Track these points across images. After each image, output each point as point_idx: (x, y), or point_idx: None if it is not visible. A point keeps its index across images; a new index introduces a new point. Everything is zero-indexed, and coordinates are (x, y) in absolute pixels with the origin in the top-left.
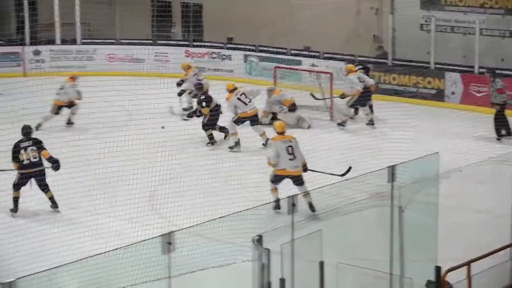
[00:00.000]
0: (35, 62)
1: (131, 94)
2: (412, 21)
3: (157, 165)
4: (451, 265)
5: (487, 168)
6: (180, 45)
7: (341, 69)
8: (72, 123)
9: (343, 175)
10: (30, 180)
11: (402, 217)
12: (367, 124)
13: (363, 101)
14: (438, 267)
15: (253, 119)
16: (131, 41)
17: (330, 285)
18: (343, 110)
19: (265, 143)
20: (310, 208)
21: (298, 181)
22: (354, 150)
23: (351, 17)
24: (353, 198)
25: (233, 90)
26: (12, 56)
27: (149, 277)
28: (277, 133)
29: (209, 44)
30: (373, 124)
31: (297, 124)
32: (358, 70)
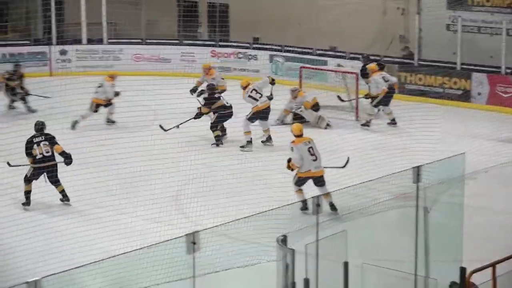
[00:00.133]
0: (62, 62)
1: (157, 94)
2: (439, 21)
3: (181, 165)
4: (476, 266)
5: None
6: (206, 45)
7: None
8: (114, 121)
9: (344, 166)
10: (44, 174)
11: (427, 218)
12: (388, 124)
13: (387, 100)
14: (463, 268)
15: (264, 112)
16: (157, 41)
17: (354, 285)
18: (367, 110)
19: (265, 140)
20: (331, 208)
21: (320, 181)
22: (380, 150)
23: (377, 17)
24: (378, 199)
25: (246, 87)
26: (39, 56)
27: (172, 277)
28: (295, 136)
29: (235, 44)
30: (395, 123)
31: (316, 123)
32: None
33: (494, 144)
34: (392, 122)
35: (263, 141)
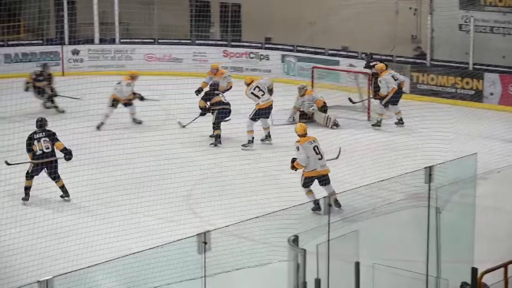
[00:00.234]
0: (74, 61)
1: (169, 93)
2: (451, 21)
3: (193, 165)
4: (488, 266)
5: None
6: (218, 45)
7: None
8: (140, 121)
9: (337, 157)
10: (44, 169)
11: (439, 218)
12: (396, 124)
13: (396, 99)
14: (475, 268)
15: (266, 111)
16: (169, 41)
17: (365, 285)
18: (377, 110)
19: (264, 138)
20: (336, 205)
21: (325, 180)
22: (392, 150)
23: (389, 17)
24: (390, 199)
25: (250, 84)
26: (51, 56)
27: (184, 277)
28: (299, 135)
29: (247, 44)
30: (402, 123)
31: (324, 124)
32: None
33: (506, 144)
34: (400, 121)
35: (262, 140)
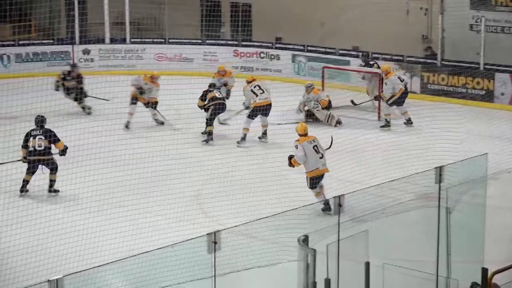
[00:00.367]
0: (85, 61)
1: (179, 93)
2: (462, 21)
3: (203, 164)
4: (498, 267)
5: None
6: (229, 45)
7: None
8: (162, 122)
9: (329, 147)
10: (40, 166)
11: (449, 218)
12: (405, 124)
13: (401, 100)
14: (485, 269)
15: (264, 109)
16: (180, 41)
17: (375, 286)
18: (383, 111)
19: (261, 136)
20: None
21: (322, 179)
22: (402, 150)
23: (400, 17)
24: (400, 199)
25: (250, 82)
26: (62, 55)
27: (194, 276)
28: (300, 135)
29: (258, 43)
30: (412, 123)
31: (327, 122)
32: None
33: None
34: (409, 121)
35: (259, 137)
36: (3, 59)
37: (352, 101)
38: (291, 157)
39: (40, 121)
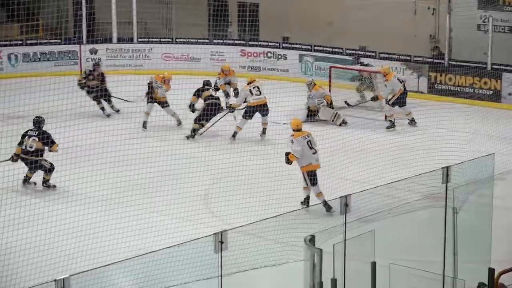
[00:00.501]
0: (92, 60)
1: (187, 93)
2: (469, 21)
3: (210, 164)
4: (505, 267)
5: None
6: (236, 45)
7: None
8: (179, 123)
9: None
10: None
11: (456, 218)
12: (409, 123)
13: (403, 100)
14: (492, 269)
15: (260, 109)
16: (187, 40)
17: (382, 286)
18: (386, 112)
19: (261, 132)
20: (304, 202)
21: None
22: (409, 151)
23: (407, 17)
24: (407, 199)
25: (250, 83)
26: (69, 55)
27: (200, 276)
28: (294, 130)
29: (265, 43)
30: (415, 123)
31: (332, 121)
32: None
33: None
34: (412, 121)
35: (261, 134)
36: (11, 58)
37: (345, 102)
38: (287, 154)
39: (37, 122)
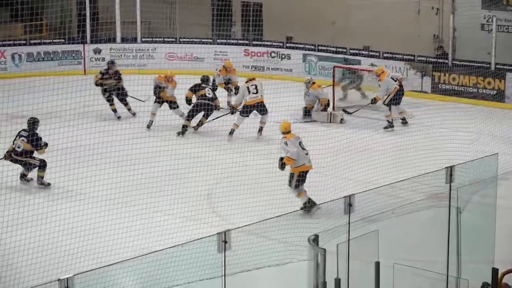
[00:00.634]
0: (96, 60)
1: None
2: (473, 21)
3: (214, 164)
4: (509, 267)
5: None
6: (240, 44)
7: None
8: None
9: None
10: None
11: (460, 218)
12: (402, 123)
13: (398, 99)
14: (495, 269)
15: (256, 108)
16: (190, 40)
17: (385, 285)
18: (384, 112)
19: (258, 130)
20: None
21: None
22: (413, 150)
23: (411, 17)
24: (410, 199)
25: (249, 81)
26: (73, 55)
27: (204, 275)
28: (284, 133)
29: (269, 43)
30: (407, 123)
31: (330, 121)
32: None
33: None
34: (403, 121)
35: (257, 133)
36: (15, 58)
37: (344, 110)
38: (282, 159)
39: (31, 123)
